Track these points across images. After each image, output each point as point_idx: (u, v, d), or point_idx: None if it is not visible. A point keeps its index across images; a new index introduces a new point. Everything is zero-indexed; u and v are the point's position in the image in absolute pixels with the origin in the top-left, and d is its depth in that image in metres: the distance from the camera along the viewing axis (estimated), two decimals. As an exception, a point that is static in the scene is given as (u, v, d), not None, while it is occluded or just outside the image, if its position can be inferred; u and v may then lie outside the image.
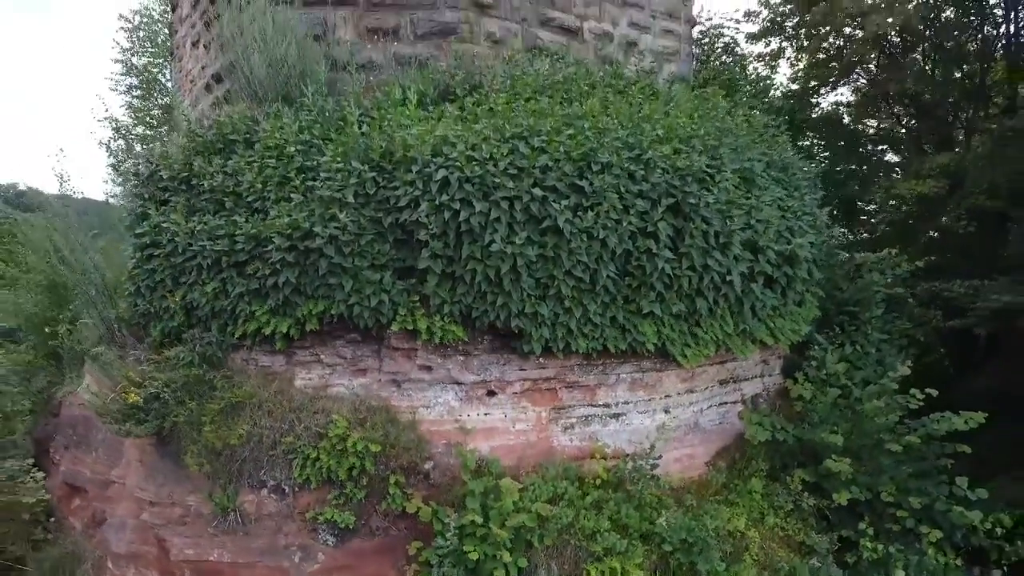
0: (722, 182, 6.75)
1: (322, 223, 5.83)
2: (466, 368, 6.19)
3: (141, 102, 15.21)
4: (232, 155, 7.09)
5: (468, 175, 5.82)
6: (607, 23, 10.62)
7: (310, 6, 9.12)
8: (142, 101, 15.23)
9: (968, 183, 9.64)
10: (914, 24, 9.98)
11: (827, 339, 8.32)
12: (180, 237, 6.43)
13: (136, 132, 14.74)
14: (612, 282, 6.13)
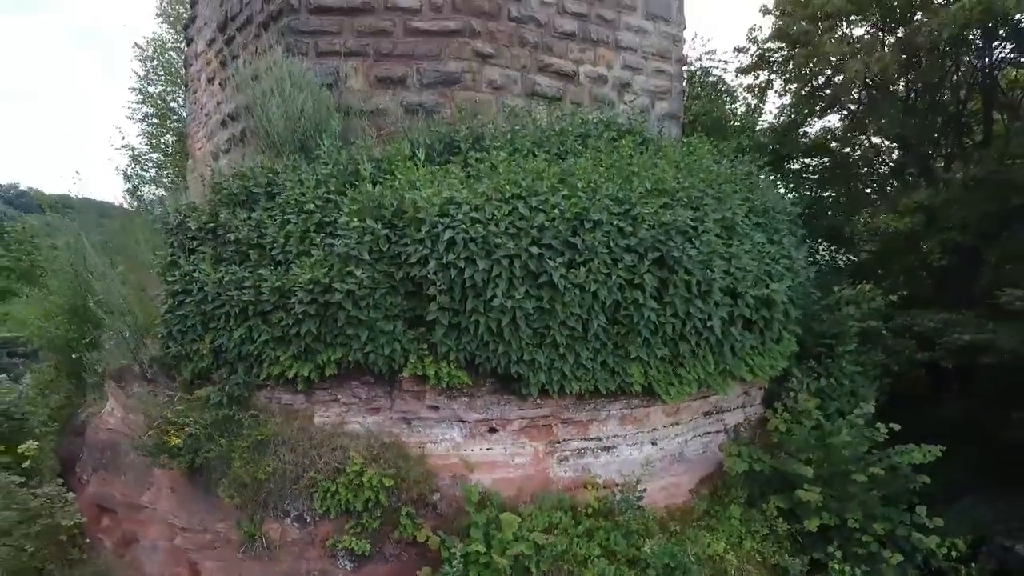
0: (705, 233, 7.39)
1: (340, 279, 6.46)
2: (470, 408, 6.82)
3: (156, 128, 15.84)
4: (255, 206, 7.72)
5: (472, 235, 6.46)
6: (602, 67, 11.25)
7: (323, 56, 9.77)
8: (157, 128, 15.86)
9: (941, 220, 10.27)
10: (891, 72, 10.60)
11: (805, 370, 8.96)
12: (209, 286, 7.06)
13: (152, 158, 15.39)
14: (602, 330, 6.77)
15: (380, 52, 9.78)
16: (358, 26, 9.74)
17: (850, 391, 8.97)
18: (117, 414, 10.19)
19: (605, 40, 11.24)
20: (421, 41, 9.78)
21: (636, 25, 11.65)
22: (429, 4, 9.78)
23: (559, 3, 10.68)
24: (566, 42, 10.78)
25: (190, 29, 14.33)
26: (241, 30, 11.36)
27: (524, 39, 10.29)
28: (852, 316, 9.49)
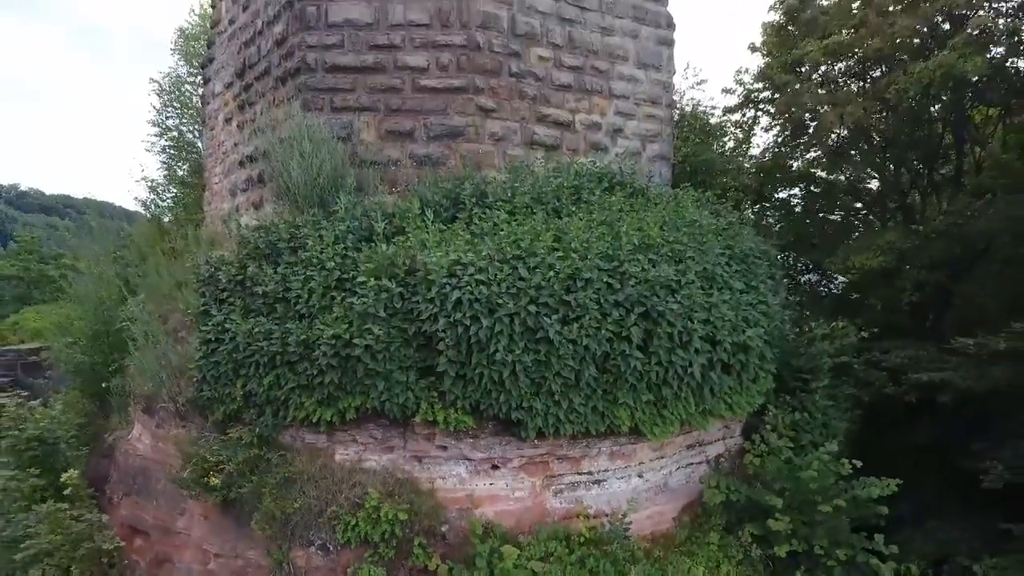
0: (687, 286, 8.20)
1: (360, 334, 7.26)
2: (475, 448, 7.63)
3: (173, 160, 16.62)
4: (279, 260, 8.53)
5: (477, 296, 7.26)
6: (596, 115, 12.06)
7: (337, 111, 10.57)
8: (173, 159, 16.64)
9: (911, 260, 11.06)
10: (863, 122, 11.39)
11: (782, 405, 9.76)
12: (240, 337, 7.86)
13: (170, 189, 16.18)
14: (593, 379, 7.57)
15: (390, 107, 10.58)
16: (370, 83, 10.54)
17: (823, 423, 9.78)
18: (146, 441, 11.01)
19: (599, 89, 12.04)
20: (428, 97, 10.58)
21: (628, 74, 12.46)
22: (436, 63, 10.58)
23: (556, 57, 11.48)
24: (563, 93, 11.58)
25: (207, 69, 15.13)
26: (259, 79, 12.16)
27: (523, 92, 11.09)
28: (826, 351, 10.30)
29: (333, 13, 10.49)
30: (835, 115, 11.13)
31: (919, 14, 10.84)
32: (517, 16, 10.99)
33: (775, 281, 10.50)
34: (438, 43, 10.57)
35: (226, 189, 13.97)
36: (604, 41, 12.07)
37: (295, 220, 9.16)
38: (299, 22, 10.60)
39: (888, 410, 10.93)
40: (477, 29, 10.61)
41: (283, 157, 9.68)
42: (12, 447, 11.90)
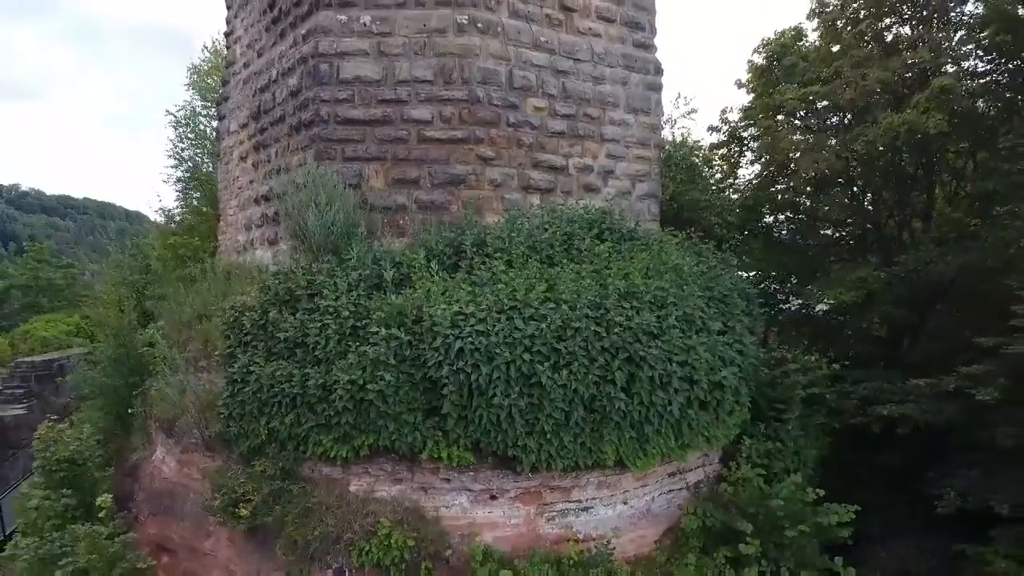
0: (668, 330, 9.07)
1: (373, 380, 8.14)
2: (475, 480, 8.51)
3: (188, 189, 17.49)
4: (298, 306, 9.39)
5: (477, 345, 8.14)
6: (588, 158, 12.93)
7: (348, 160, 11.44)
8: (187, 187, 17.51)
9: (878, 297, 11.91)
10: (837, 166, 12.24)
11: (757, 434, 10.63)
12: (264, 379, 8.73)
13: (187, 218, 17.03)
14: (581, 419, 8.44)
15: (397, 157, 11.44)
16: (379, 135, 11.41)
17: (794, 451, 10.66)
18: (171, 464, 11.89)
19: (591, 135, 12.91)
20: (432, 148, 11.45)
21: (619, 119, 13.33)
22: (439, 116, 11.45)
23: (551, 107, 12.35)
24: (557, 139, 12.45)
25: (222, 107, 16.01)
26: (274, 125, 13.03)
27: (520, 141, 11.96)
28: (799, 383, 11.18)
29: (344, 70, 11.34)
30: (810, 161, 11.99)
31: (889, 68, 11.69)
32: (515, 71, 11.84)
33: (752, 317, 11.37)
34: (441, 98, 11.42)
35: (241, 222, 14.84)
36: (596, 89, 12.93)
37: (311, 267, 10.04)
38: (313, 78, 11.46)
39: (858, 435, 11.78)
40: (478, 84, 11.48)
41: (300, 207, 10.52)
42: (44, 467, 12.77)
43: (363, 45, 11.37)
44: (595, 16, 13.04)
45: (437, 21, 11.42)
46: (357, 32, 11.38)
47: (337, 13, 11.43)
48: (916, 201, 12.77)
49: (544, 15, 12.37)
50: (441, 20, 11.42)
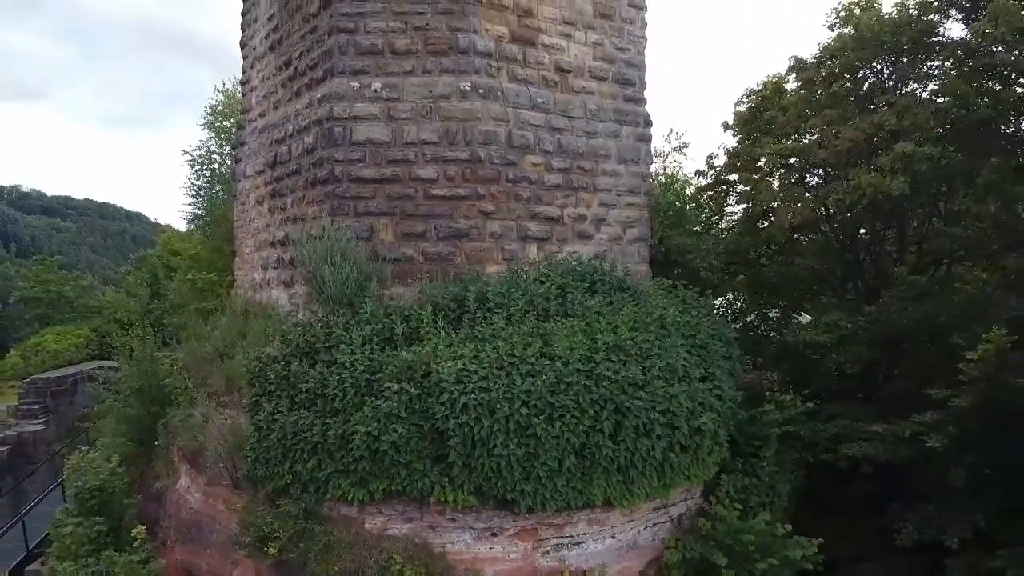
0: (652, 381, 10.07)
1: (386, 432, 9.13)
2: (478, 519, 9.51)
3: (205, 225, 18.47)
4: (316, 358, 10.37)
5: (479, 401, 9.13)
6: (582, 207, 13.90)
7: (360, 216, 12.40)
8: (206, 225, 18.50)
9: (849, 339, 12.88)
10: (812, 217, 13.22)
11: (735, 468, 11.62)
12: (287, 427, 9.72)
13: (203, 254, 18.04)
14: (573, 465, 9.44)
15: (405, 212, 12.40)
16: (388, 192, 12.37)
17: (770, 486, 11.66)
18: (196, 494, 12.89)
19: (585, 186, 13.89)
20: (437, 204, 12.41)
21: (611, 170, 14.31)
22: (444, 175, 12.43)
23: (547, 162, 13.32)
24: (553, 192, 13.41)
25: (238, 151, 16.99)
26: (290, 176, 14.00)
27: (519, 195, 12.93)
28: (776, 421, 12.17)
29: (357, 133, 12.32)
30: (787, 212, 12.98)
31: (859, 128, 12.66)
32: (513, 131, 12.82)
33: (732, 360, 12.37)
34: (446, 158, 12.40)
35: (257, 261, 15.80)
36: (589, 143, 13.91)
37: (328, 319, 11.01)
38: (328, 139, 12.43)
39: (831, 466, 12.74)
40: (479, 145, 12.46)
41: (316, 262, 11.49)
42: (76, 495, 13.76)
43: (374, 110, 12.33)
44: (588, 75, 14.02)
45: (442, 88, 12.39)
46: (368, 98, 12.35)
47: (350, 80, 12.40)
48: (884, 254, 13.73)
49: (541, 77, 13.35)
50: (446, 87, 12.39)
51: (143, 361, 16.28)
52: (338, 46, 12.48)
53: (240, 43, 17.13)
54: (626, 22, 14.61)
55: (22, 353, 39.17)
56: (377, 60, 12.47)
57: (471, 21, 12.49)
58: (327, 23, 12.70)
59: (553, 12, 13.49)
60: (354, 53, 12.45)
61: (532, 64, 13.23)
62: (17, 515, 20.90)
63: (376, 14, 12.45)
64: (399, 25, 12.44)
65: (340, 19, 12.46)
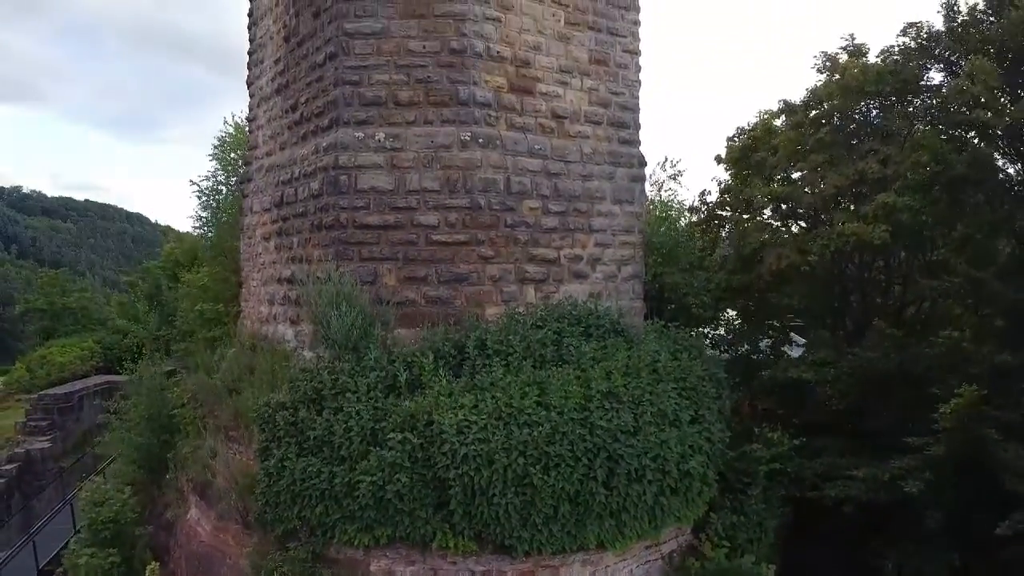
0: (645, 427, 10.58)
1: (391, 481, 9.63)
2: (478, 563, 10.02)
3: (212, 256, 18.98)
4: (323, 404, 10.87)
5: (479, 451, 9.64)
6: (578, 248, 14.39)
7: (364, 261, 12.89)
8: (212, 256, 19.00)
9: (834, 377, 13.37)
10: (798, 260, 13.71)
11: (724, 506, 12.13)
12: (296, 474, 10.23)
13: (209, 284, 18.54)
14: (567, 512, 9.94)
15: (408, 257, 12.88)
16: (391, 238, 12.85)
17: (757, 523, 12.17)
18: (206, 527, 13.40)
19: (581, 227, 14.37)
20: (438, 249, 12.89)
21: (606, 211, 14.81)
22: (445, 221, 12.91)
23: (544, 206, 13.81)
24: (549, 235, 13.89)
25: (245, 186, 17.49)
26: (296, 217, 14.49)
27: (517, 239, 13.41)
28: (763, 458, 12.68)
29: (361, 181, 12.80)
30: (774, 257, 13.49)
31: (844, 174, 13.17)
32: (512, 178, 13.31)
33: (722, 400, 12.87)
34: (447, 205, 12.88)
35: (264, 296, 16.27)
36: (585, 186, 14.40)
37: (334, 366, 11.50)
38: (333, 187, 12.92)
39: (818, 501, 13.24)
40: (479, 193, 12.95)
41: (323, 307, 11.98)
42: (90, 525, 14.28)
43: (378, 159, 12.82)
44: (584, 120, 14.52)
45: (443, 138, 12.88)
46: (372, 147, 12.84)
47: (355, 130, 12.89)
48: (872, 285, 14.23)
49: (538, 124, 13.84)
50: (447, 137, 12.88)
51: (153, 390, 16.78)
52: (343, 97, 12.96)
53: (247, 81, 17.63)
54: (620, 67, 15.11)
55: (27, 366, 39.63)
56: (381, 111, 12.95)
57: (471, 74, 12.98)
58: (333, 74, 13.18)
59: (550, 61, 13.99)
60: (359, 104, 12.94)
61: (530, 112, 13.71)
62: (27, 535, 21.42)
63: (380, 67, 12.93)
64: (402, 77, 12.92)
65: (345, 71, 12.95)
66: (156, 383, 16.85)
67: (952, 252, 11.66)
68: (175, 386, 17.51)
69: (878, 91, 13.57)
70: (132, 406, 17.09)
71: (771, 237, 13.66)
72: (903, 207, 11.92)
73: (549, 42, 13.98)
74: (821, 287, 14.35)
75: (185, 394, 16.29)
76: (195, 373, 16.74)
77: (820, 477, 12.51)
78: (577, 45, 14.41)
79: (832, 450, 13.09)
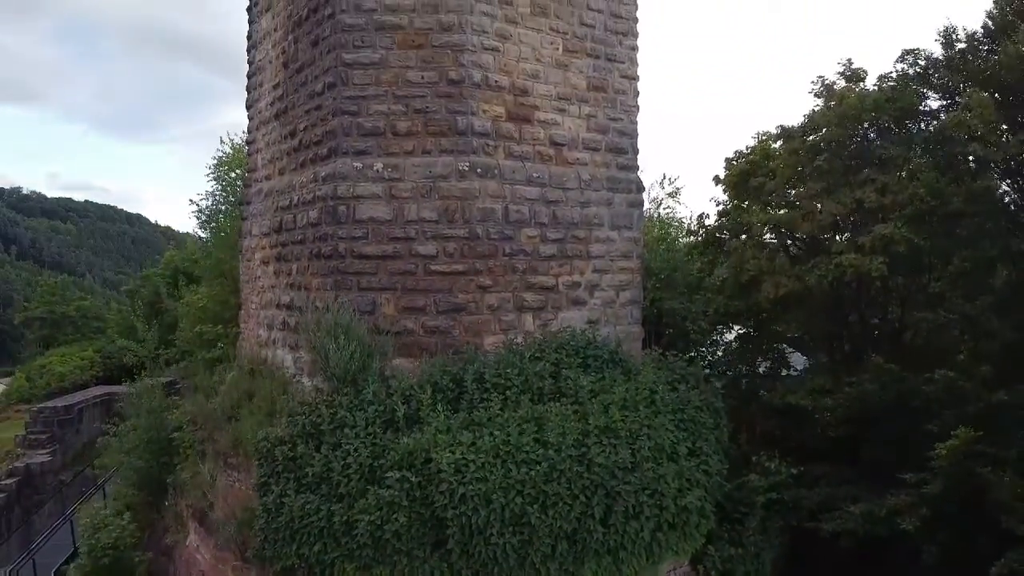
0: (641, 463, 10.60)
1: (389, 522, 9.66)
2: (475, 600, 10.04)
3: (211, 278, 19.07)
4: (322, 439, 10.90)
5: (477, 491, 9.67)
6: (576, 275, 14.41)
7: (363, 290, 12.92)
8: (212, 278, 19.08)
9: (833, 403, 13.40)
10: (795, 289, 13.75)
11: (722, 537, 12.16)
12: (295, 511, 10.26)
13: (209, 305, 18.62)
14: (565, 551, 9.98)
15: (406, 287, 12.91)
16: (389, 268, 12.88)
17: (755, 554, 12.20)
18: (205, 555, 13.45)
19: (579, 254, 14.39)
20: (437, 279, 12.91)
21: (604, 236, 14.82)
22: (443, 251, 12.93)
23: (542, 234, 13.83)
24: (548, 262, 13.91)
25: (244, 209, 17.51)
26: (295, 244, 14.51)
27: (515, 267, 13.43)
28: (760, 488, 12.71)
29: (360, 212, 12.83)
30: (772, 284, 13.53)
31: (841, 202, 13.20)
32: (510, 206, 13.34)
33: (719, 430, 12.90)
34: (445, 235, 12.90)
35: (263, 319, 16.30)
36: (583, 213, 14.42)
37: (332, 399, 11.52)
38: (331, 217, 12.96)
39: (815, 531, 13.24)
40: (477, 223, 12.97)
41: (321, 338, 12.00)
42: (89, 552, 14.33)
43: (376, 189, 12.85)
44: (582, 147, 14.54)
45: (441, 168, 12.91)
46: (371, 178, 12.86)
47: (353, 160, 12.91)
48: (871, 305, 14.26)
49: (536, 152, 13.86)
50: (445, 167, 12.91)
51: (152, 413, 16.82)
52: (342, 127, 12.98)
53: (246, 104, 17.65)
54: (619, 93, 15.12)
55: (27, 375, 39.72)
56: (379, 141, 12.98)
57: (469, 103, 13.01)
58: (331, 104, 13.21)
59: (548, 89, 14.01)
60: (357, 134, 12.96)
61: (528, 140, 13.74)
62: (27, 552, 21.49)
63: (378, 97, 12.96)
64: (400, 108, 12.95)
65: (344, 102, 12.98)
66: (155, 404, 16.87)
67: (948, 285, 11.69)
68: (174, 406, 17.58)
69: (876, 119, 13.60)
70: (131, 428, 17.13)
71: (768, 264, 13.67)
72: (900, 239, 11.95)
73: (547, 70, 14.01)
74: (819, 313, 14.37)
75: (185, 416, 16.33)
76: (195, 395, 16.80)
77: (817, 508, 12.53)
78: (575, 72, 14.43)
79: (830, 479, 13.12)
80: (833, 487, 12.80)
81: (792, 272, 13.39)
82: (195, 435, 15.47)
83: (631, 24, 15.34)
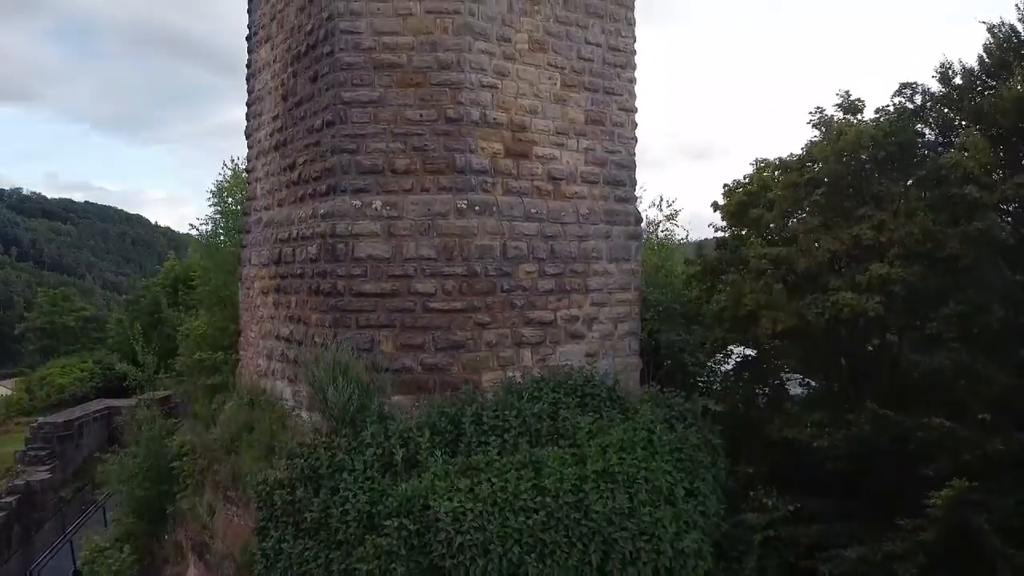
0: (638, 508, 10.65)
1: (387, 571, 9.71)
2: (473, 648, 10.08)
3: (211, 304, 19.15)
4: (321, 482, 10.95)
5: (475, 540, 9.72)
6: (574, 309, 14.45)
7: (362, 328, 12.97)
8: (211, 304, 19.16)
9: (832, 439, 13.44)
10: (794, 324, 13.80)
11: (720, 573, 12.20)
12: (293, 558, 10.31)
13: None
14: (563, 601, 10.02)
15: (405, 324, 12.95)
16: (388, 306, 12.92)
17: (754, 593, 12.25)
18: (204, 589, 13.49)
19: (577, 288, 14.43)
20: (435, 317, 12.96)
21: (602, 269, 14.87)
22: (442, 289, 12.98)
23: (540, 269, 13.87)
24: (546, 297, 13.94)
25: (244, 237, 17.55)
26: (294, 277, 14.55)
27: (513, 303, 13.47)
28: (758, 525, 12.75)
29: (358, 250, 12.87)
30: (770, 319, 13.58)
31: (838, 238, 13.24)
32: (508, 243, 13.37)
33: (717, 468, 12.94)
34: (444, 273, 12.94)
35: (262, 349, 16.35)
36: (581, 247, 14.45)
37: (331, 441, 11.56)
38: (330, 255, 13.01)
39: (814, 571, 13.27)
40: (476, 260, 13.01)
41: (320, 379, 12.03)
42: (89, 585, 14.40)
43: (375, 227, 12.88)
44: (580, 180, 14.58)
45: (440, 205, 12.94)
46: (370, 216, 12.90)
47: (352, 198, 12.95)
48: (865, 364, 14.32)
49: (535, 187, 13.90)
50: (444, 204, 12.95)
51: (152, 442, 16.89)
52: (340, 165, 13.03)
53: (245, 132, 17.70)
54: (616, 126, 15.16)
55: (27, 387, 39.79)
56: (378, 179, 13.02)
57: (467, 141, 13.05)
58: (330, 141, 13.25)
59: (546, 124, 14.06)
60: (356, 172, 13.00)
61: (526, 175, 13.77)
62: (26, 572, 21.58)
63: (377, 135, 13.00)
64: (399, 145, 12.99)
65: (342, 139, 13.02)
66: (155, 433, 16.94)
67: (944, 325, 11.74)
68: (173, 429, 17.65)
69: (874, 154, 13.63)
70: (131, 455, 17.20)
71: (767, 298, 13.72)
72: (896, 279, 11.99)
73: (545, 105, 14.05)
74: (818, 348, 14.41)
75: (184, 446, 16.40)
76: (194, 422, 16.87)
77: (815, 545, 12.57)
78: (573, 106, 14.47)
79: (828, 514, 13.14)
80: (830, 523, 12.83)
81: (790, 308, 13.42)
82: (195, 464, 15.54)
83: (629, 56, 15.38)
